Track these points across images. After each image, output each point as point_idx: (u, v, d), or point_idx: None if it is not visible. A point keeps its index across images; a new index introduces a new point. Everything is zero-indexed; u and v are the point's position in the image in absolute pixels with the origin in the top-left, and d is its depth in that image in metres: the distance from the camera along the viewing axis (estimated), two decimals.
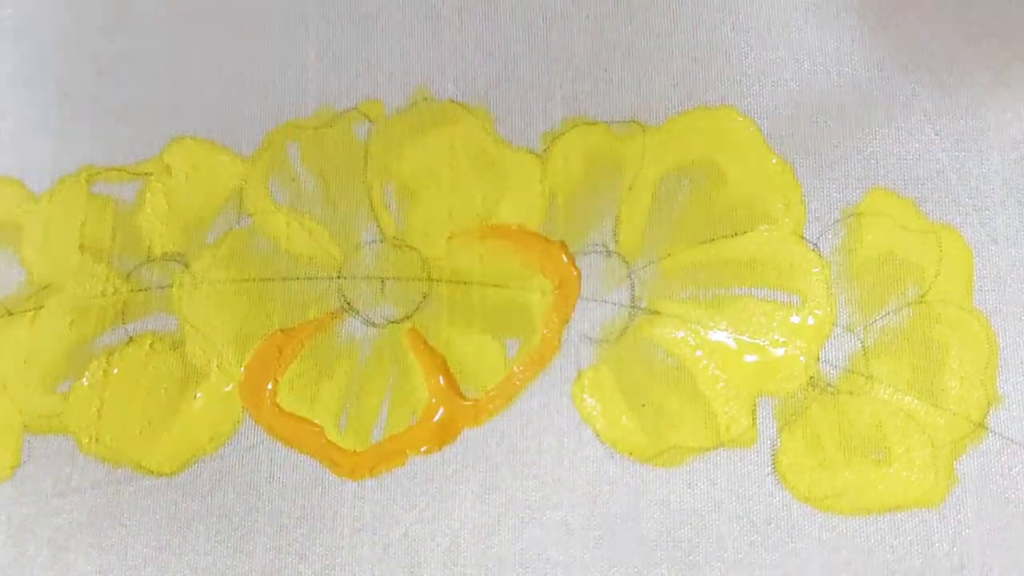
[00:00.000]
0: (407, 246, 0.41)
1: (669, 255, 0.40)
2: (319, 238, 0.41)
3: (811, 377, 0.40)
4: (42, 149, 0.41)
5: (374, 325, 0.40)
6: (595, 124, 0.41)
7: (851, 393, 0.40)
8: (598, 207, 0.41)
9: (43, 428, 0.40)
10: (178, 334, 0.40)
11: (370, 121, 0.41)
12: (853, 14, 0.42)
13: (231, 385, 0.40)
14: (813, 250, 0.41)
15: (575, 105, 0.41)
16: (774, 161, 0.41)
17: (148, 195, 0.41)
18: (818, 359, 0.40)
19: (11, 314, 0.41)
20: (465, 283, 0.40)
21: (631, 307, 0.40)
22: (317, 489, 0.40)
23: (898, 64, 0.42)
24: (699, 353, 0.40)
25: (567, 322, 0.40)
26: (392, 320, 0.40)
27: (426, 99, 0.41)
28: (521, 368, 0.40)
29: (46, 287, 0.41)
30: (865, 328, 0.40)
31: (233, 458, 0.40)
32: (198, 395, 0.40)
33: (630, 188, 0.41)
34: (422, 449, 0.40)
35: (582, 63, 0.41)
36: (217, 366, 0.40)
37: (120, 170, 0.41)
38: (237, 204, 0.41)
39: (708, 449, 0.40)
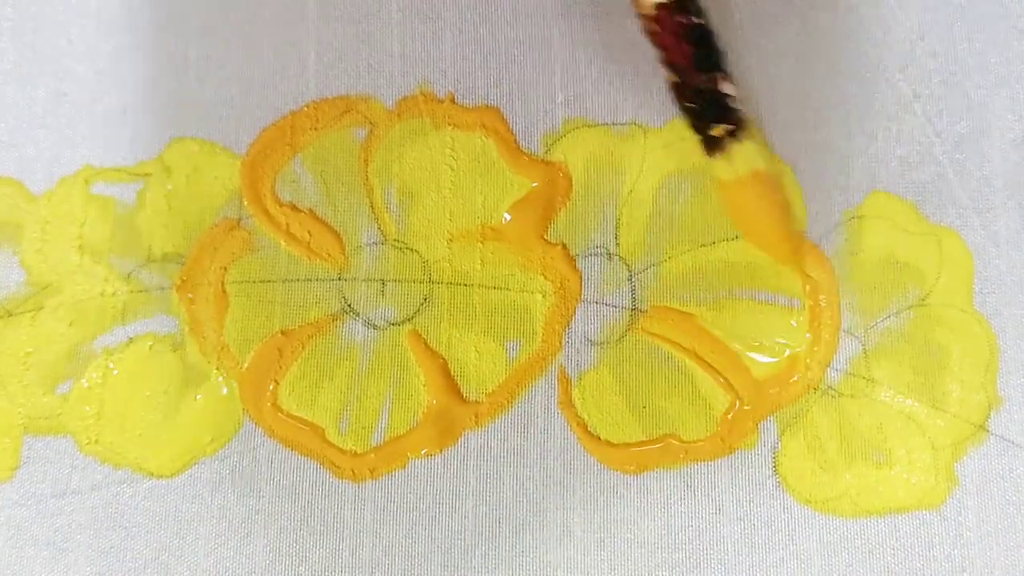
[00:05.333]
0: (408, 248, 0.41)
1: (670, 258, 0.40)
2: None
3: None
4: (41, 149, 0.41)
5: (375, 327, 0.40)
6: (596, 126, 0.41)
7: (852, 396, 0.40)
8: (599, 209, 0.41)
9: (43, 429, 0.40)
10: (178, 335, 0.40)
11: (371, 122, 0.41)
12: (853, 15, 0.42)
13: (231, 387, 0.40)
14: None
15: (576, 107, 0.41)
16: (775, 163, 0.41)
17: (148, 196, 0.41)
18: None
19: (11, 315, 0.40)
20: (466, 285, 0.40)
21: (632, 310, 0.40)
22: (318, 491, 0.40)
23: (899, 65, 0.42)
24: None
25: (568, 325, 0.40)
26: (393, 322, 0.40)
27: (427, 100, 0.41)
28: (522, 371, 0.40)
29: (46, 288, 0.41)
30: (866, 331, 0.40)
31: (233, 460, 0.40)
32: (198, 396, 0.40)
33: (631, 191, 0.41)
34: (423, 451, 0.40)
35: (583, 65, 0.41)
36: (217, 368, 0.40)
37: (120, 171, 0.41)
38: (237, 205, 0.41)
39: None
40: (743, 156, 0.38)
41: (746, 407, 0.40)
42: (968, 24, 0.42)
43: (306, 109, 0.41)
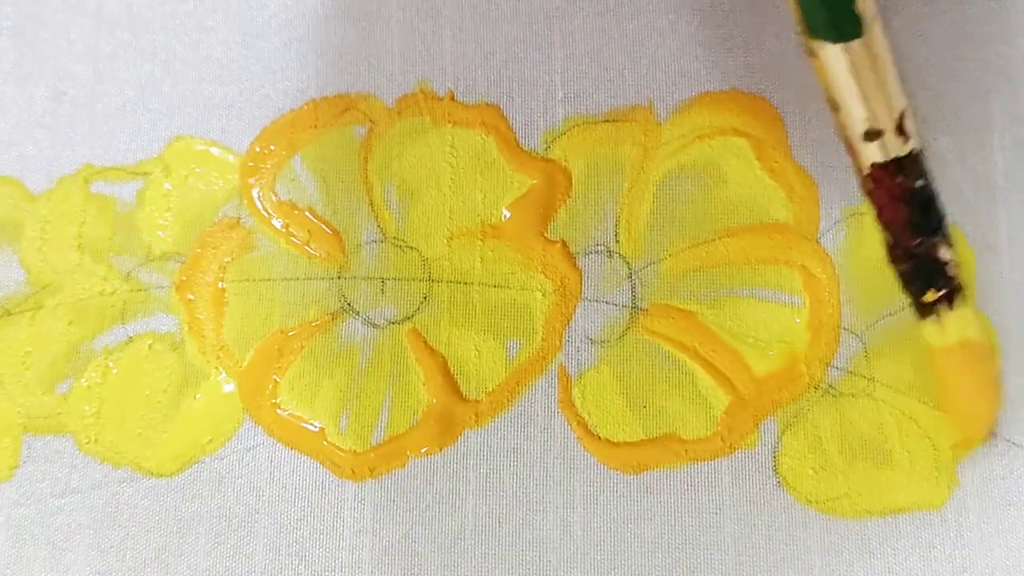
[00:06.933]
0: (407, 246, 0.41)
1: (671, 256, 0.40)
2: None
3: None
4: (41, 148, 0.41)
5: (374, 326, 0.40)
6: (597, 123, 0.41)
7: (853, 395, 0.40)
8: (599, 207, 0.41)
9: (42, 429, 0.40)
10: (178, 334, 0.40)
11: (370, 120, 0.41)
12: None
13: (231, 386, 0.40)
14: None
15: (576, 104, 0.41)
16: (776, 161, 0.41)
17: (148, 195, 0.41)
18: None
19: (10, 314, 0.41)
20: (466, 283, 0.40)
21: (632, 308, 0.40)
22: (317, 490, 0.40)
23: (900, 62, 0.41)
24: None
25: (568, 323, 0.40)
26: (392, 321, 0.40)
27: (427, 98, 0.41)
28: (522, 369, 0.40)
29: (45, 287, 0.41)
30: (867, 329, 0.40)
31: (233, 459, 0.40)
32: (198, 396, 0.40)
33: (631, 188, 0.41)
34: (423, 450, 0.40)
35: (584, 62, 0.41)
36: (217, 367, 0.40)
37: (120, 169, 0.41)
38: (237, 204, 0.41)
39: None
40: (955, 323, 0.37)
41: (746, 406, 0.40)
42: (969, 20, 0.42)
43: (306, 107, 0.41)
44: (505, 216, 0.41)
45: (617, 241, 0.41)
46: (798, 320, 0.40)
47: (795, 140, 0.41)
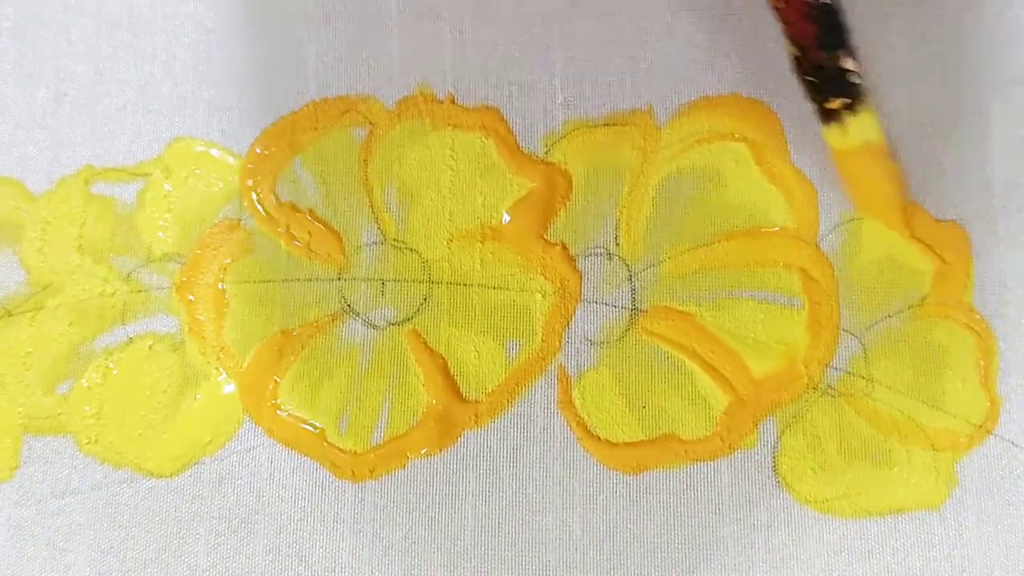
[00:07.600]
0: (407, 248, 0.41)
1: (670, 258, 0.40)
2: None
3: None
4: (41, 149, 0.41)
5: (374, 327, 0.40)
6: (596, 127, 0.41)
7: (852, 395, 0.40)
8: (599, 210, 0.41)
9: (43, 429, 0.40)
10: (178, 335, 0.40)
11: (370, 122, 0.41)
12: (853, 14, 0.42)
13: (231, 387, 0.40)
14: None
15: (576, 107, 0.41)
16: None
17: (148, 196, 0.41)
18: None
19: (11, 315, 0.40)
20: (466, 285, 0.40)
21: (632, 309, 0.40)
22: (317, 491, 0.40)
23: (900, 63, 0.41)
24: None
25: (568, 324, 0.40)
26: (392, 322, 0.40)
27: (427, 100, 0.41)
28: (522, 370, 0.40)
29: (46, 288, 0.41)
30: (865, 331, 0.40)
31: (233, 460, 0.40)
32: (198, 396, 0.40)
33: (631, 191, 0.41)
34: (423, 451, 0.40)
35: (583, 65, 0.41)
36: (217, 368, 0.40)
37: (120, 170, 0.41)
38: (237, 205, 0.41)
39: None
40: (857, 127, 0.39)
41: (746, 407, 0.40)
42: (968, 25, 0.42)
43: (306, 109, 0.41)
44: (505, 219, 0.41)
45: (617, 243, 0.41)
46: (796, 322, 0.40)
47: (794, 144, 0.41)
